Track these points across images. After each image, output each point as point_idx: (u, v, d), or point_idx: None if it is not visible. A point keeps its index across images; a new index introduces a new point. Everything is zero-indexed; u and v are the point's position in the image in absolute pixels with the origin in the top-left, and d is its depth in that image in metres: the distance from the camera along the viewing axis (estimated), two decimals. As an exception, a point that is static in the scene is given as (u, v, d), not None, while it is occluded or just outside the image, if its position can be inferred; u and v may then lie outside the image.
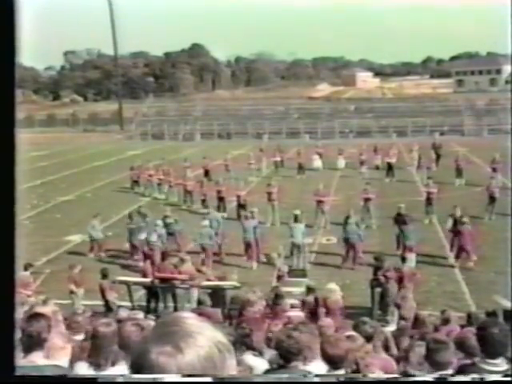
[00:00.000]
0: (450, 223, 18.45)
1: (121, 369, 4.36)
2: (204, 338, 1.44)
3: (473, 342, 5.48)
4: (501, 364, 4.25)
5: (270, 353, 6.71)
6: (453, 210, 18.70)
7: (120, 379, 1.65)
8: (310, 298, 12.29)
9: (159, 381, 1.41)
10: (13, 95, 1.39)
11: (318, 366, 5.28)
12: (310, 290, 12.58)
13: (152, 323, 6.10)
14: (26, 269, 13.55)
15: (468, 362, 5.16)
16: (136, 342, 4.29)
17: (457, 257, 17.60)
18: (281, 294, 12.08)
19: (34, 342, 4.22)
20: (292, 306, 12.56)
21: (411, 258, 16.45)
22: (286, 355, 5.07)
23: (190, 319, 1.49)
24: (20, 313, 6.72)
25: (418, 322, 9.53)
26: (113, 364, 4.51)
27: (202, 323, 1.49)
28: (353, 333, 6.97)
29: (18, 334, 3.84)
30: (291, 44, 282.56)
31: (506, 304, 11.32)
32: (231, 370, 1.48)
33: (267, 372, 5.35)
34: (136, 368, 1.44)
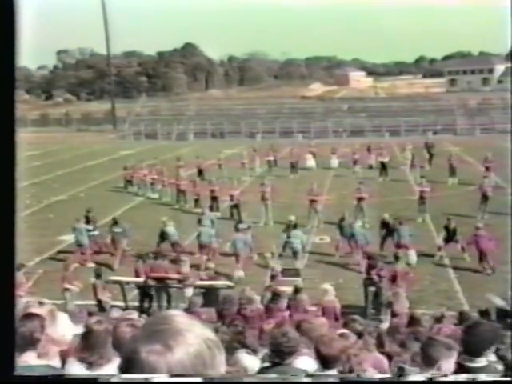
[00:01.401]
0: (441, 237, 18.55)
1: (113, 367, 4.35)
2: (193, 335, 1.44)
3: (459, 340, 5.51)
4: (482, 361, 4.29)
5: (264, 351, 6.73)
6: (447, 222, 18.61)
7: (116, 379, 1.65)
8: (300, 297, 12.30)
9: (156, 381, 1.41)
10: (12, 95, 1.40)
11: (306, 362, 5.30)
12: (297, 289, 12.56)
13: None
14: (18, 269, 13.51)
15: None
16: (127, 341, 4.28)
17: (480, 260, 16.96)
18: (278, 293, 12.11)
19: (27, 342, 4.20)
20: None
21: (411, 254, 16.76)
22: (279, 353, 5.09)
23: (178, 317, 1.49)
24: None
25: (412, 320, 9.57)
26: (106, 362, 4.50)
27: (191, 320, 1.49)
28: (345, 330, 7.00)
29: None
30: (284, 43, 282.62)
31: (499, 302, 11.39)
32: (221, 366, 1.48)
33: (261, 370, 5.36)
34: (126, 367, 1.43)
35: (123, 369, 1.44)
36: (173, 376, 1.39)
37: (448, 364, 4.37)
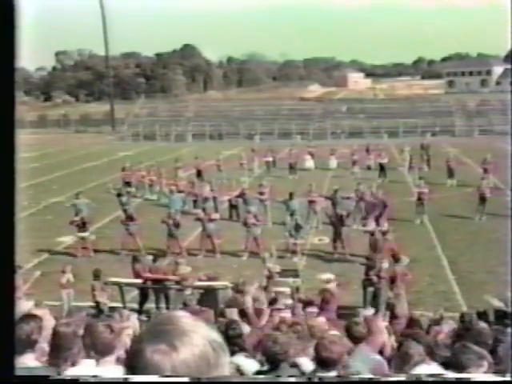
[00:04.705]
0: None
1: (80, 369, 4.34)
2: (199, 336, 1.45)
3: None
4: None
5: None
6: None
7: (95, 379, 1.65)
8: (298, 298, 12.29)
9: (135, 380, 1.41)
10: (12, 96, 1.40)
11: (303, 363, 5.30)
12: (296, 290, 12.52)
13: (124, 326, 6.08)
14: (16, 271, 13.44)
15: None
16: (105, 343, 4.30)
17: None
18: (276, 294, 12.09)
19: (25, 344, 4.18)
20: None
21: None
22: (273, 360, 5.09)
23: (184, 318, 1.49)
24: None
25: (411, 322, 9.57)
26: (73, 364, 4.48)
27: (197, 322, 1.50)
28: (336, 332, 6.99)
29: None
30: (283, 45, 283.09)
31: (497, 304, 11.38)
32: (225, 368, 1.48)
33: (258, 373, 5.35)
34: (131, 366, 1.44)
35: (128, 367, 1.45)
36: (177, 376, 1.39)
37: (477, 373, 4.37)
